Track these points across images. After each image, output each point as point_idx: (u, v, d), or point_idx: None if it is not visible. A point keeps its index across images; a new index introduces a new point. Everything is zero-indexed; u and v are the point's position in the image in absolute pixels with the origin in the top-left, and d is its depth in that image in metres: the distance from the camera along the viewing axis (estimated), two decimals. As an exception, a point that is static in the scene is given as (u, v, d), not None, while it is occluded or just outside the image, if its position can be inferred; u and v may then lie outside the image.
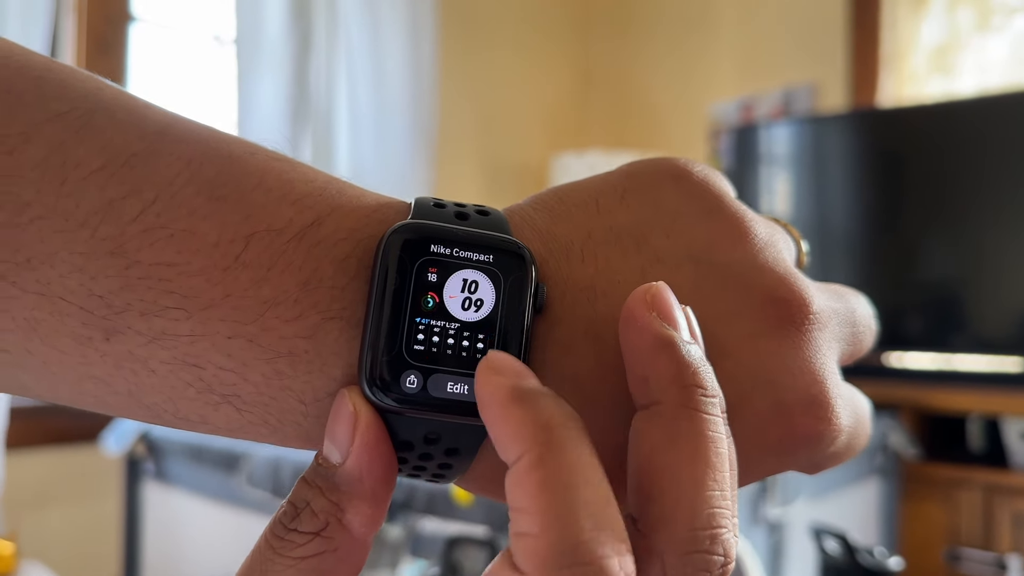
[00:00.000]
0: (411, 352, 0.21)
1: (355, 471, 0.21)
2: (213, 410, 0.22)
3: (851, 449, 0.26)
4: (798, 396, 0.23)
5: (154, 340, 0.21)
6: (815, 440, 0.23)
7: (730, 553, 0.20)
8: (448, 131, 2.57)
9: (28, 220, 0.20)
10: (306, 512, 0.21)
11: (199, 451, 1.53)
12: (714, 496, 0.20)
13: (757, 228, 0.25)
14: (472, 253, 0.22)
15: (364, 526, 0.21)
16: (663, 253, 0.24)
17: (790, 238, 0.27)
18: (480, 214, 0.23)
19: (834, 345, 0.25)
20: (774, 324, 0.24)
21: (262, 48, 2.08)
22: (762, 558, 1.35)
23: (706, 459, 0.20)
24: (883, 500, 1.89)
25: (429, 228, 0.22)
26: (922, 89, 2.43)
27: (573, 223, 0.24)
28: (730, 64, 2.76)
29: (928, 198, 2.17)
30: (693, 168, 0.26)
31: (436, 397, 0.21)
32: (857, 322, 0.27)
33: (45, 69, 0.21)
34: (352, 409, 0.21)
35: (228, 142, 0.22)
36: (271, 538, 0.21)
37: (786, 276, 0.24)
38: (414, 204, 0.23)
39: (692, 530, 0.19)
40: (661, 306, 0.21)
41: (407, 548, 1.15)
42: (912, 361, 2.27)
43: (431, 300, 0.21)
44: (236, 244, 0.21)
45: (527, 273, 0.22)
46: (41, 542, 1.77)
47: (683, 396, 0.20)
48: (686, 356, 0.21)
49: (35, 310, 0.20)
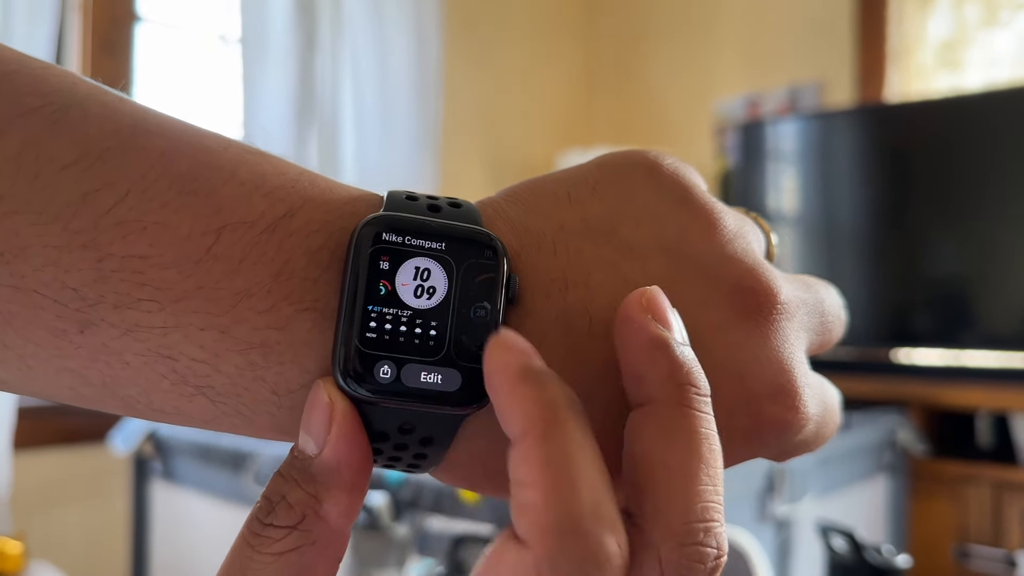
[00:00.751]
0: (365, 341, 0.21)
1: (332, 461, 0.21)
2: (187, 401, 0.22)
3: (820, 437, 0.26)
4: (766, 385, 0.24)
5: (128, 332, 0.21)
6: (783, 428, 0.24)
7: (723, 546, 0.20)
8: (453, 129, 2.57)
9: (2, 214, 0.20)
10: (282, 505, 0.21)
11: (206, 450, 1.53)
12: (707, 490, 0.20)
13: (726, 220, 0.25)
14: (442, 244, 0.22)
15: (342, 516, 0.21)
16: (634, 244, 0.24)
17: (760, 230, 0.28)
18: (452, 206, 0.24)
19: (802, 335, 0.26)
20: (742, 314, 0.24)
21: (267, 47, 2.08)
22: (769, 555, 1.34)
23: (699, 455, 0.20)
24: (891, 497, 1.88)
25: (401, 220, 0.22)
26: (929, 84, 2.42)
27: (545, 215, 0.24)
28: (736, 60, 2.75)
29: (936, 194, 2.16)
30: (664, 161, 0.26)
31: (410, 387, 0.22)
32: (826, 312, 0.28)
33: (18, 63, 0.22)
34: (327, 400, 0.21)
35: (202, 136, 0.23)
36: (248, 535, 0.21)
37: (754, 267, 0.25)
38: (386, 197, 0.23)
39: (687, 523, 0.20)
40: (656, 309, 0.22)
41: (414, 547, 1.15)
42: (920, 357, 2.27)
43: (384, 288, 0.22)
44: (208, 236, 0.21)
45: (499, 264, 0.22)
46: (49, 542, 1.78)
47: (678, 394, 0.21)
48: (680, 356, 0.21)
49: (9, 303, 0.20)
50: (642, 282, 0.23)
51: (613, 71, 3.09)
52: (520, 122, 2.90)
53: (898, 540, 1.87)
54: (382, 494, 1.16)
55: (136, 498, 1.73)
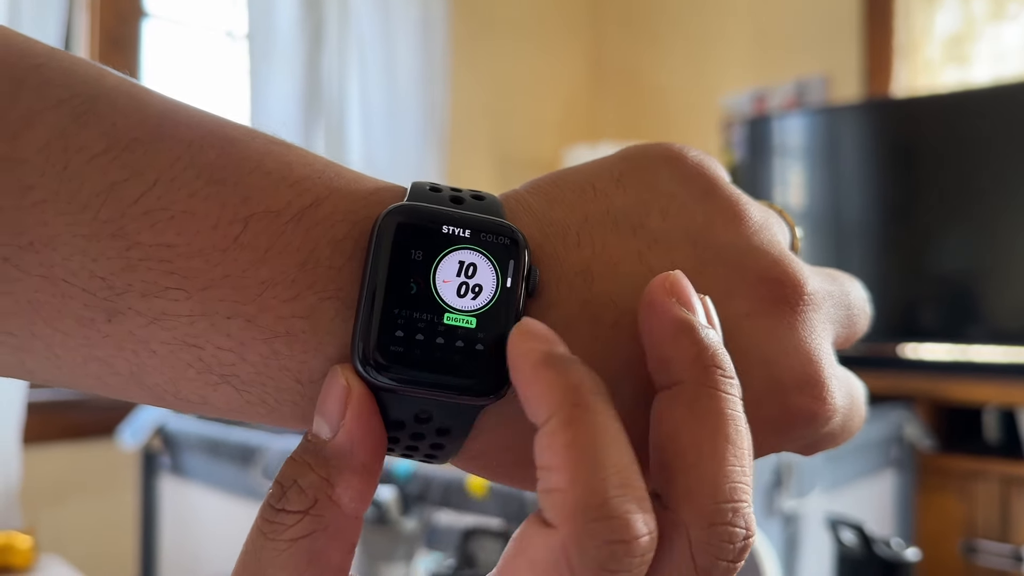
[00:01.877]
0: (388, 355, 0.21)
1: (346, 444, 0.21)
2: (212, 390, 0.22)
3: (846, 431, 0.26)
4: (793, 375, 0.24)
5: (154, 321, 0.21)
6: (810, 419, 0.24)
7: (751, 527, 0.20)
8: (460, 124, 2.57)
9: (31, 203, 0.20)
10: (293, 489, 0.21)
11: (215, 444, 1.54)
12: (735, 471, 0.20)
13: (752, 211, 0.25)
14: (464, 233, 0.22)
15: (354, 500, 0.21)
16: (659, 235, 0.24)
17: (784, 223, 0.28)
18: (476, 199, 0.24)
19: (828, 327, 0.26)
20: (769, 304, 0.24)
21: (274, 43, 2.09)
22: (777, 550, 1.34)
23: (727, 435, 0.21)
24: (899, 492, 1.88)
25: (423, 211, 0.22)
26: (937, 79, 2.42)
27: (569, 207, 0.24)
28: (743, 55, 2.75)
29: (943, 188, 2.16)
30: (688, 152, 0.26)
31: (428, 377, 0.21)
32: (852, 304, 0.28)
33: (47, 56, 0.22)
34: (344, 383, 0.21)
35: (228, 126, 0.23)
36: (262, 524, 0.21)
37: (781, 258, 0.25)
38: (410, 188, 0.24)
39: (716, 503, 0.20)
40: (680, 293, 0.22)
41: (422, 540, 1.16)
42: (928, 352, 2.26)
43: (415, 286, 0.22)
44: (235, 225, 0.21)
45: (520, 256, 0.22)
46: (59, 536, 1.78)
47: (704, 376, 0.21)
48: (705, 339, 0.21)
49: (38, 292, 0.21)
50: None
51: (619, 66, 3.08)
52: (526, 117, 2.90)
53: (905, 535, 1.87)
54: (390, 488, 1.17)
55: (145, 492, 1.73)
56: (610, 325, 0.23)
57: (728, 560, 0.20)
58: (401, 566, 1.13)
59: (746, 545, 0.20)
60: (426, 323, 0.22)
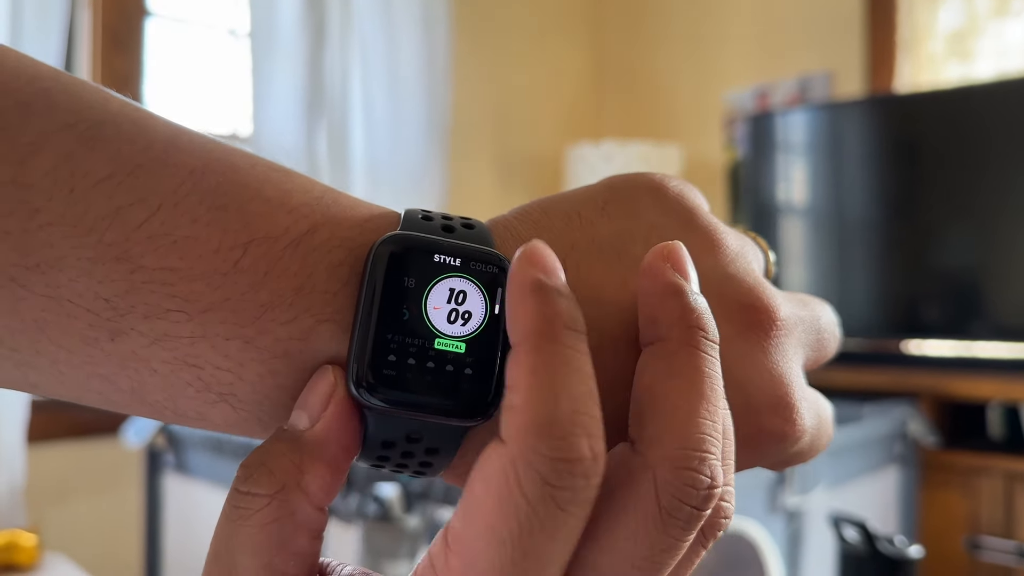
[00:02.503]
0: (382, 378, 0.22)
1: (323, 435, 0.22)
2: (210, 408, 0.23)
3: (813, 449, 0.27)
4: (766, 397, 0.25)
5: (156, 341, 0.22)
6: (780, 439, 0.25)
7: (717, 478, 0.21)
8: (463, 122, 2.57)
9: (38, 226, 0.21)
10: (261, 470, 0.22)
11: (219, 443, 1.54)
12: (705, 424, 0.21)
13: (728, 240, 0.27)
14: (455, 262, 0.23)
15: (321, 491, 0.22)
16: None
17: (759, 250, 0.29)
18: (466, 227, 0.25)
19: (799, 350, 0.27)
20: (743, 330, 0.25)
21: (276, 41, 2.09)
22: (780, 546, 1.34)
23: (700, 391, 0.22)
24: (902, 488, 1.88)
25: (416, 240, 0.23)
26: (940, 75, 2.41)
27: (557, 234, 0.25)
28: (745, 51, 2.74)
29: (946, 184, 2.16)
30: (669, 183, 0.27)
31: (419, 400, 0.22)
32: (822, 329, 0.29)
33: (53, 80, 0.22)
34: (332, 380, 0.22)
35: (230, 153, 0.24)
36: (229, 510, 0.22)
37: (755, 286, 0.26)
38: (403, 216, 0.24)
39: (683, 449, 0.21)
40: (675, 260, 0.23)
41: (425, 538, 1.16)
42: (931, 348, 2.26)
43: (407, 312, 0.23)
44: (235, 250, 0.22)
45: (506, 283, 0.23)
46: (63, 534, 1.79)
47: (686, 335, 0.22)
48: (693, 302, 0.23)
49: (44, 311, 0.21)
50: None
51: (622, 63, 3.08)
52: (529, 115, 2.90)
53: (909, 532, 1.87)
54: (393, 485, 1.17)
55: (149, 490, 1.74)
56: (594, 348, 0.23)
57: (692, 505, 0.21)
58: (404, 563, 1.13)
59: (710, 494, 0.21)
60: (417, 348, 0.22)
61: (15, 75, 0.22)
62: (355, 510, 1.15)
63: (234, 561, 0.22)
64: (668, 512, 0.21)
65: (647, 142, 2.66)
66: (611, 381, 0.24)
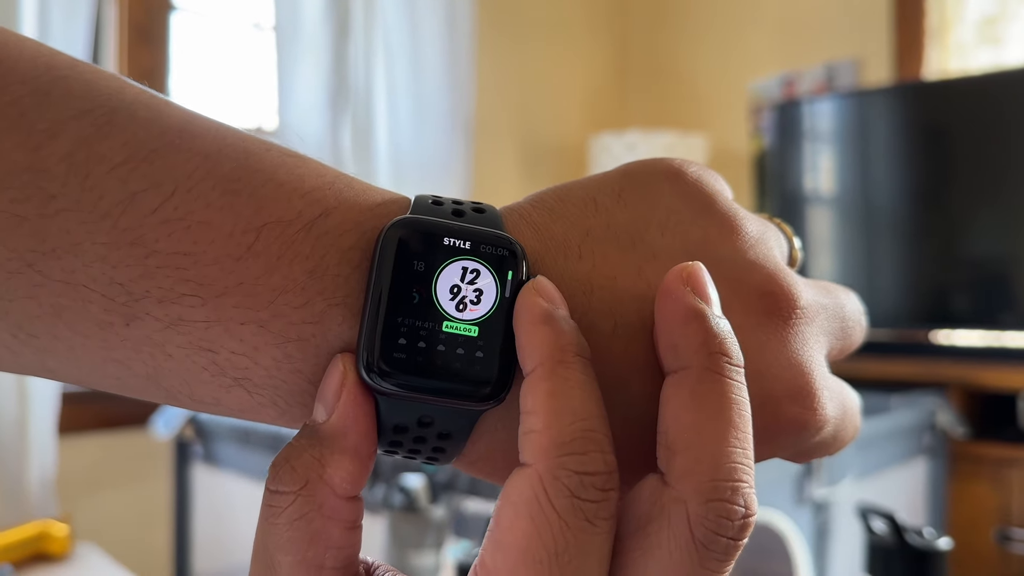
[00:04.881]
0: (391, 361, 0.22)
1: (339, 425, 0.22)
2: (226, 392, 0.23)
3: (838, 440, 0.27)
4: (785, 386, 0.24)
5: (171, 326, 0.22)
6: (800, 428, 0.25)
7: (751, 506, 0.21)
8: (486, 113, 2.57)
9: (54, 212, 0.21)
10: (285, 469, 0.22)
11: (246, 433, 1.55)
12: (736, 452, 0.21)
13: (748, 226, 0.26)
14: (464, 245, 0.23)
15: (346, 481, 0.22)
16: (658, 250, 0.25)
17: (782, 236, 0.28)
18: (476, 211, 0.24)
19: (822, 339, 0.27)
20: (763, 317, 0.25)
21: (300, 35, 2.09)
22: (808, 539, 1.34)
23: (729, 418, 0.21)
24: (931, 480, 1.86)
25: (425, 223, 0.23)
26: (969, 61, 2.38)
27: (571, 221, 0.25)
28: (771, 39, 2.72)
29: (976, 172, 2.13)
30: (688, 168, 0.27)
31: (429, 384, 0.22)
32: (846, 317, 0.29)
33: (70, 68, 0.22)
34: (342, 369, 0.22)
35: (244, 139, 0.24)
36: (263, 509, 0.22)
37: (775, 272, 0.26)
38: (413, 201, 0.24)
39: (714, 480, 0.21)
40: (696, 282, 0.23)
41: (450, 528, 1.16)
42: (960, 338, 2.24)
43: (417, 296, 0.23)
44: (249, 235, 0.22)
45: (519, 267, 0.23)
46: (94, 524, 1.81)
47: (709, 361, 0.22)
48: (715, 327, 0.22)
49: (60, 297, 0.21)
50: None
51: (646, 52, 3.06)
52: (553, 105, 2.89)
53: (938, 523, 1.86)
54: (419, 477, 1.17)
55: (178, 481, 1.75)
56: (608, 335, 0.24)
57: (728, 537, 0.21)
58: (431, 553, 1.13)
59: (745, 524, 0.21)
60: (428, 331, 0.22)
61: (32, 64, 0.22)
62: (381, 501, 1.15)
63: (272, 558, 0.22)
64: (704, 545, 0.21)
65: (672, 132, 2.65)
66: (625, 369, 0.24)
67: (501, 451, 0.24)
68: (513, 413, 0.23)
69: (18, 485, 1.65)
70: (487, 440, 0.24)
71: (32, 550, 1.38)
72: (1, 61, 0.22)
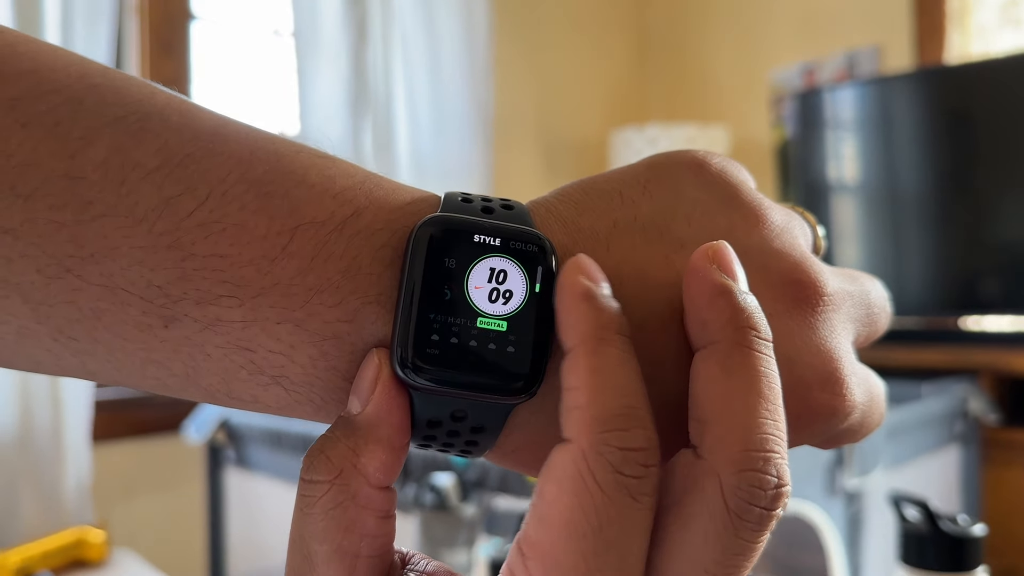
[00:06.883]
0: (426, 357, 0.23)
1: (373, 416, 0.23)
2: (263, 390, 0.24)
3: (865, 426, 0.27)
4: (814, 372, 0.25)
5: (209, 327, 0.22)
6: (830, 414, 0.25)
7: (783, 476, 0.21)
8: (506, 111, 2.57)
9: (91, 218, 0.21)
10: (319, 459, 0.23)
11: (278, 436, 1.56)
12: (767, 423, 0.22)
13: (773, 215, 0.27)
14: (494, 242, 0.24)
15: (379, 471, 0.23)
16: (685, 240, 0.25)
17: (807, 225, 0.29)
18: (505, 208, 0.25)
19: (848, 326, 0.27)
20: (790, 305, 0.25)
21: (320, 40, 2.11)
22: (840, 528, 1.33)
23: (759, 391, 0.22)
24: (964, 467, 1.85)
25: (456, 221, 0.23)
26: (991, 44, 2.35)
27: (599, 214, 0.26)
28: (791, 28, 2.70)
29: (1001, 156, 2.10)
30: (711, 159, 0.27)
31: (462, 379, 0.23)
32: (872, 304, 0.29)
33: (102, 76, 0.23)
34: (377, 362, 0.23)
35: (274, 141, 0.24)
36: (298, 499, 0.23)
37: (801, 260, 0.26)
38: (443, 198, 0.25)
39: (746, 451, 0.21)
40: (722, 260, 0.23)
41: (482, 526, 1.17)
42: (990, 324, 2.21)
43: (448, 292, 0.23)
44: (283, 236, 0.23)
45: (548, 262, 0.23)
46: (130, 529, 1.83)
47: (738, 335, 0.22)
48: (742, 302, 0.23)
49: (99, 301, 0.22)
50: None
51: (665, 44, 3.05)
52: (572, 101, 2.89)
53: (972, 511, 1.84)
54: (449, 475, 1.18)
55: (211, 485, 1.77)
56: (638, 325, 0.24)
57: (761, 507, 0.21)
58: (463, 551, 1.14)
59: (778, 494, 0.21)
60: (460, 327, 0.23)
61: (66, 72, 0.22)
62: (412, 499, 1.16)
63: (308, 548, 0.23)
64: (737, 515, 0.21)
65: (693, 124, 2.64)
66: (657, 357, 0.24)
67: (534, 443, 0.25)
68: (544, 407, 0.24)
69: (55, 493, 1.67)
70: (520, 433, 0.25)
71: (70, 556, 1.40)
72: (36, 71, 0.22)
